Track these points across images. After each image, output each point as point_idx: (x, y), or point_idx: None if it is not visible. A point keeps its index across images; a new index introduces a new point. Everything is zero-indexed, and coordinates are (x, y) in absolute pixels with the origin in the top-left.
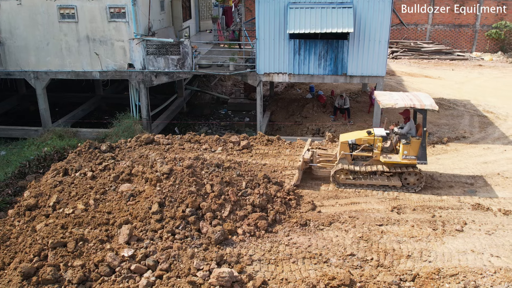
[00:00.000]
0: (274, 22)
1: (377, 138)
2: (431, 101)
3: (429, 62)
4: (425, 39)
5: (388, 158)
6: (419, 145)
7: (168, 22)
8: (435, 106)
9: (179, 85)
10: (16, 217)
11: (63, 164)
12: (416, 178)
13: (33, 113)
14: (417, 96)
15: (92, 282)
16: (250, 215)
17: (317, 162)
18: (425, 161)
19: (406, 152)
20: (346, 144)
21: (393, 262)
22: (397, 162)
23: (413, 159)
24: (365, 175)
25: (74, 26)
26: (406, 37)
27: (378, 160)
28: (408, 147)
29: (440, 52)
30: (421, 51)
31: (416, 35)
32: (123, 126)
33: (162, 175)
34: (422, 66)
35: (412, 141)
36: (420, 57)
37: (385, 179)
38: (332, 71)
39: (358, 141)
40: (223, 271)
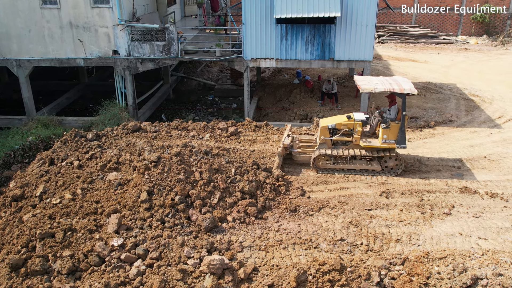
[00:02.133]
0: (261, 6)
1: (356, 123)
2: (410, 85)
3: (415, 46)
4: (411, 23)
5: (368, 142)
6: (398, 129)
7: (153, 8)
8: (414, 90)
9: (165, 72)
10: (2, 208)
11: (48, 154)
12: (396, 162)
13: (17, 102)
14: (396, 80)
15: (81, 272)
16: (239, 202)
17: (297, 148)
18: (404, 145)
19: (385, 136)
20: (326, 129)
21: (383, 246)
22: (376, 146)
23: (393, 143)
24: (345, 159)
25: (57, 12)
26: (392, 21)
27: (358, 145)
28: (387, 131)
29: (426, 36)
30: (407, 35)
31: (402, 19)
32: (109, 114)
33: (150, 163)
34: (408, 50)
35: (391, 125)
36: (406, 41)
37: (365, 163)
38: (319, 56)
39: (338, 125)
40: (213, 258)
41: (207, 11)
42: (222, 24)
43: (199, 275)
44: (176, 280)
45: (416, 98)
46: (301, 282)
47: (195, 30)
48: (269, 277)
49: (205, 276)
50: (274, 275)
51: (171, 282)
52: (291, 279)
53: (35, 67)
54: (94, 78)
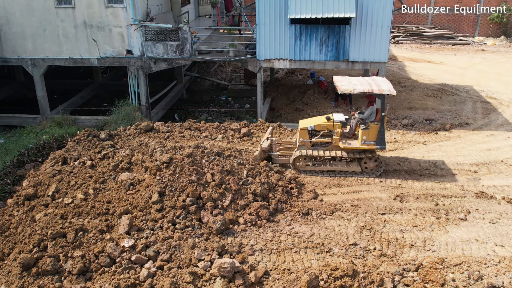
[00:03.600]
0: (275, 7)
1: (336, 124)
2: (389, 86)
3: (431, 47)
4: (427, 23)
5: (348, 144)
6: (377, 130)
7: (167, 7)
8: (393, 91)
9: (178, 72)
10: (15, 207)
11: (62, 153)
12: (375, 163)
13: (31, 101)
14: (375, 80)
15: (92, 273)
16: (251, 204)
17: (277, 150)
18: (383, 146)
19: (365, 138)
20: (306, 131)
21: (396, 251)
22: (355, 147)
23: (372, 144)
24: (324, 161)
25: (71, 12)
26: (407, 21)
27: (338, 146)
28: (367, 132)
29: (442, 37)
30: (423, 36)
31: (418, 19)
32: (122, 114)
33: (162, 164)
34: (424, 51)
35: (371, 126)
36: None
37: (345, 164)
38: (334, 56)
39: (317, 127)
40: (224, 261)
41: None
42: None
43: (209, 278)
44: (186, 283)
45: (432, 100)
46: (313, 287)
47: (209, 30)
48: (280, 281)
49: (216, 279)
50: (285, 279)
51: (181, 285)
52: (302, 284)
53: (50, 66)
54: (108, 77)
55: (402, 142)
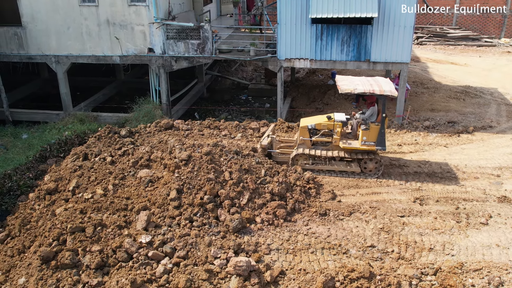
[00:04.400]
0: (296, 6)
1: (336, 123)
2: (391, 87)
3: (455, 49)
4: (452, 24)
5: (348, 144)
6: (378, 131)
7: (189, 6)
8: (394, 92)
9: (199, 70)
10: (37, 201)
11: (83, 149)
12: (375, 164)
13: (55, 97)
14: (377, 81)
15: (109, 268)
16: (268, 203)
17: (277, 148)
18: (383, 147)
19: (365, 138)
20: (306, 129)
21: (415, 254)
22: (355, 148)
23: (372, 145)
24: (324, 160)
25: (95, 10)
26: (432, 22)
27: (338, 146)
28: (367, 133)
29: (467, 38)
30: (447, 37)
31: (442, 20)
32: (143, 111)
33: (181, 162)
34: (448, 52)
35: (371, 127)
36: (446, 43)
37: (345, 164)
38: (355, 57)
39: (318, 126)
40: (240, 260)
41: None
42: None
43: (225, 276)
44: (202, 280)
45: (455, 102)
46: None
47: (230, 29)
48: (296, 281)
49: (231, 278)
50: (301, 279)
51: (197, 282)
52: (318, 284)
53: (73, 64)
54: (129, 75)
55: (423, 144)
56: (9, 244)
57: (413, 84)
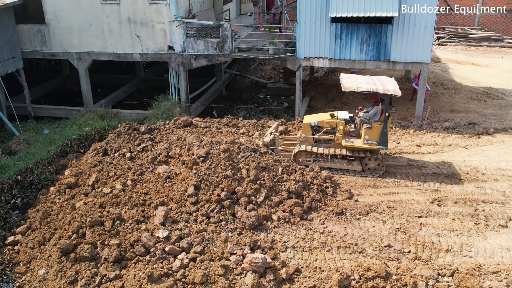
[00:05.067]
0: (316, 5)
1: (339, 121)
2: (395, 86)
3: (477, 49)
4: (474, 25)
5: (351, 142)
6: (380, 130)
7: (209, 5)
8: (398, 92)
9: (218, 69)
10: (57, 195)
11: (103, 144)
12: (377, 163)
13: (76, 94)
14: (382, 80)
15: (127, 261)
16: (285, 201)
17: (279, 145)
18: (385, 147)
19: (367, 137)
20: (309, 126)
21: (432, 255)
22: (357, 146)
23: (374, 144)
24: (326, 158)
25: (116, 8)
26: (453, 22)
27: (340, 144)
28: (369, 131)
29: (489, 39)
30: (468, 38)
31: (464, 20)
32: (162, 108)
33: (199, 158)
34: (470, 53)
35: (373, 126)
36: (467, 44)
37: (346, 163)
38: (375, 56)
39: (321, 123)
40: (256, 256)
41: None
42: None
43: (240, 272)
44: (218, 276)
45: (476, 104)
46: (344, 286)
47: (250, 28)
48: (311, 279)
49: (247, 274)
50: (316, 277)
51: (213, 277)
52: (333, 282)
53: (94, 61)
54: (149, 72)
55: (442, 145)
56: (30, 236)
57: (433, 84)
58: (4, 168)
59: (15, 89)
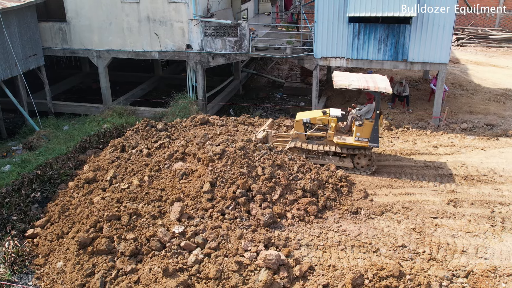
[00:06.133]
0: (334, 5)
1: (331, 118)
2: (386, 84)
3: (497, 51)
4: (494, 26)
5: (343, 139)
6: (371, 128)
7: (227, 4)
8: (389, 90)
9: (235, 67)
10: (76, 189)
11: (121, 141)
12: (368, 160)
13: (95, 91)
14: (374, 78)
15: (143, 256)
16: (300, 199)
17: (272, 142)
18: (376, 144)
19: (358, 134)
20: (301, 123)
21: (446, 256)
22: (348, 143)
23: (365, 141)
24: (317, 154)
25: (136, 7)
26: (473, 23)
27: (332, 141)
28: (361, 129)
29: (510, 40)
30: (489, 39)
31: (484, 21)
32: (179, 106)
33: (215, 156)
34: (489, 54)
35: (365, 123)
36: (487, 45)
37: (338, 160)
38: (392, 56)
39: (313, 120)
40: (270, 253)
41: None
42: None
43: (254, 269)
44: (232, 271)
45: (495, 105)
46: (357, 285)
47: (267, 27)
48: (324, 277)
49: (261, 270)
50: (329, 275)
51: (227, 273)
52: (347, 281)
53: (114, 58)
54: (167, 71)
55: (460, 146)
56: (49, 229)
57: (452, 85)
58: (25, 163)
59: (36, 86)
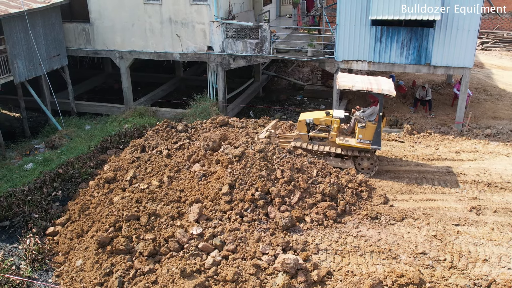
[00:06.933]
0: (356, 7)
1: (334, 120)
2: (390, 86)
3: None
4: None
5: (345, 141)
6: (374, 130)
7: (249, 6)
8: (392, 92)
9: (256, 69)
10: (96, 189)
11: (141, 141)
12: (370, 162)
13: (117, 91)
14: (378, 80)
15: (161, 256)
16: (319, 203)
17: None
18: (379, 147)
19: (361, 136)
20: (304, 123)
21: (468, 265)
22: (351, 145)
23: (368, 143)
24: (319, 155)
25: (158, 8)
26: (498, 27)
27: (334, 142)
28: (363, 131)
29: None
30: None
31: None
32: (199, 108)
33: (234, 158)
34: None
35: (367, 125)
36: None
37: (339, 161)
38: (415, 60)
39: (316, 120)
40: (288, 257)
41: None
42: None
43: (272, 272)
44: (249, 274)
45: None
46: None
47: (289, 30)
48: (342, 282)
49: (278, 274)
50: (348, 281)
51: (244, 276)
52: (365, 287)
53: (135, 59)
54: (188, 72)
55: (483, 152)
56: (69, 227)
57: (476, 90)
58: (47, 161)
59: (60, 86)
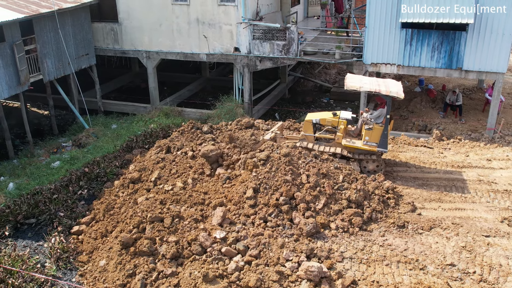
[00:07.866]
0: (386, 9)
1: (341, 121)
2: (399, 88)
3: None
4: None
5: (352, 142)
6: (381, 132)
7: (276, 7)
8: (400, 94)
9: (282, 71)
10: (121, 189)
11: (166, 142)
12: (376, 165)
13: (143, 91)
14: (386, 82)
15: (184, 259)
16: (344, 210)
17: None
18: (385, 149)
19: (367, 138)
20: (310, 123)
21: (499, 278)
22: (357, 147)
23: (374, 146)
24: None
25: (186, 9)
26: None
27: (340, 143)
28: (370, 133)
29: None
30: None
31: None
32: (225, 109)
33: (259, 161)
34: None
35: (374, 127)
36: None
37: (345, 163)
38: (446, 64)
39: (322, 121)
40: (312, 265)
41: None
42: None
43: (295, 280)
44: (272, 281)
45: None
46: None
47: (316, 31)
48: None
49: (301, 282)
50: None
51: (267, 282)
52: None
53: (162, 59)
54: (214, 73)
55: None
56: (94, 227)
57: (508, 96)
58: (74, 160)
59: (87, 84)
